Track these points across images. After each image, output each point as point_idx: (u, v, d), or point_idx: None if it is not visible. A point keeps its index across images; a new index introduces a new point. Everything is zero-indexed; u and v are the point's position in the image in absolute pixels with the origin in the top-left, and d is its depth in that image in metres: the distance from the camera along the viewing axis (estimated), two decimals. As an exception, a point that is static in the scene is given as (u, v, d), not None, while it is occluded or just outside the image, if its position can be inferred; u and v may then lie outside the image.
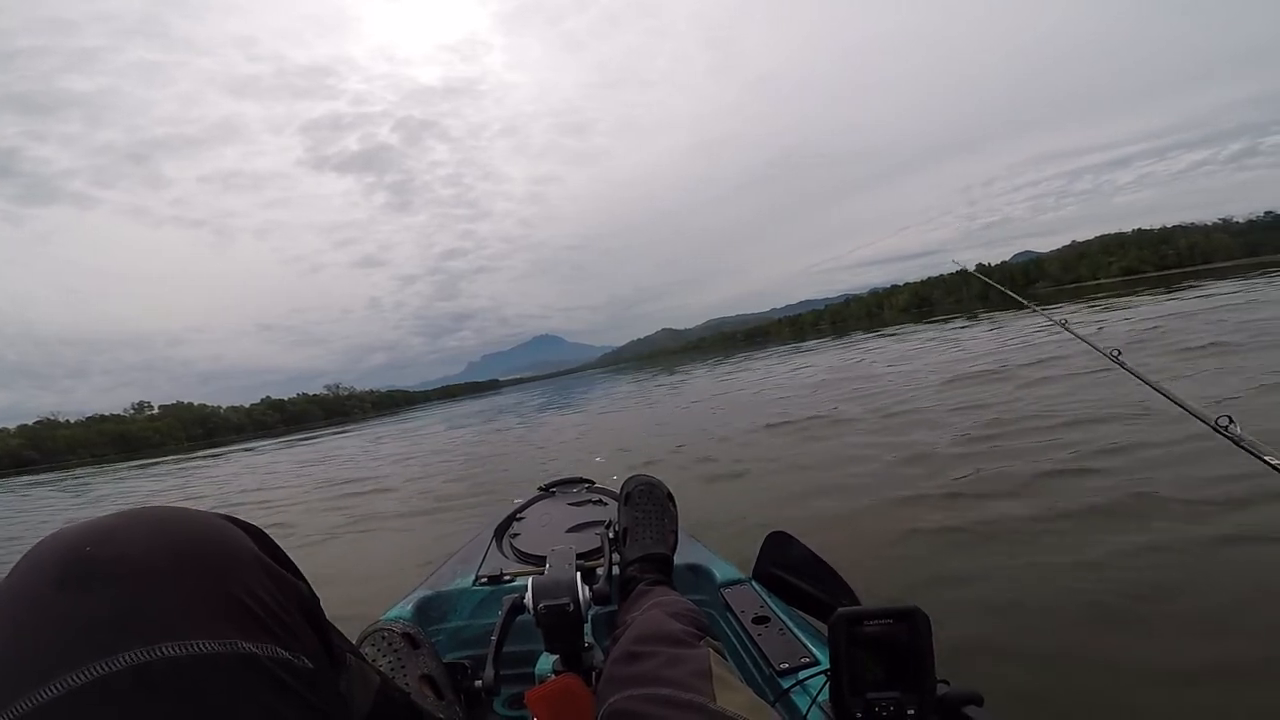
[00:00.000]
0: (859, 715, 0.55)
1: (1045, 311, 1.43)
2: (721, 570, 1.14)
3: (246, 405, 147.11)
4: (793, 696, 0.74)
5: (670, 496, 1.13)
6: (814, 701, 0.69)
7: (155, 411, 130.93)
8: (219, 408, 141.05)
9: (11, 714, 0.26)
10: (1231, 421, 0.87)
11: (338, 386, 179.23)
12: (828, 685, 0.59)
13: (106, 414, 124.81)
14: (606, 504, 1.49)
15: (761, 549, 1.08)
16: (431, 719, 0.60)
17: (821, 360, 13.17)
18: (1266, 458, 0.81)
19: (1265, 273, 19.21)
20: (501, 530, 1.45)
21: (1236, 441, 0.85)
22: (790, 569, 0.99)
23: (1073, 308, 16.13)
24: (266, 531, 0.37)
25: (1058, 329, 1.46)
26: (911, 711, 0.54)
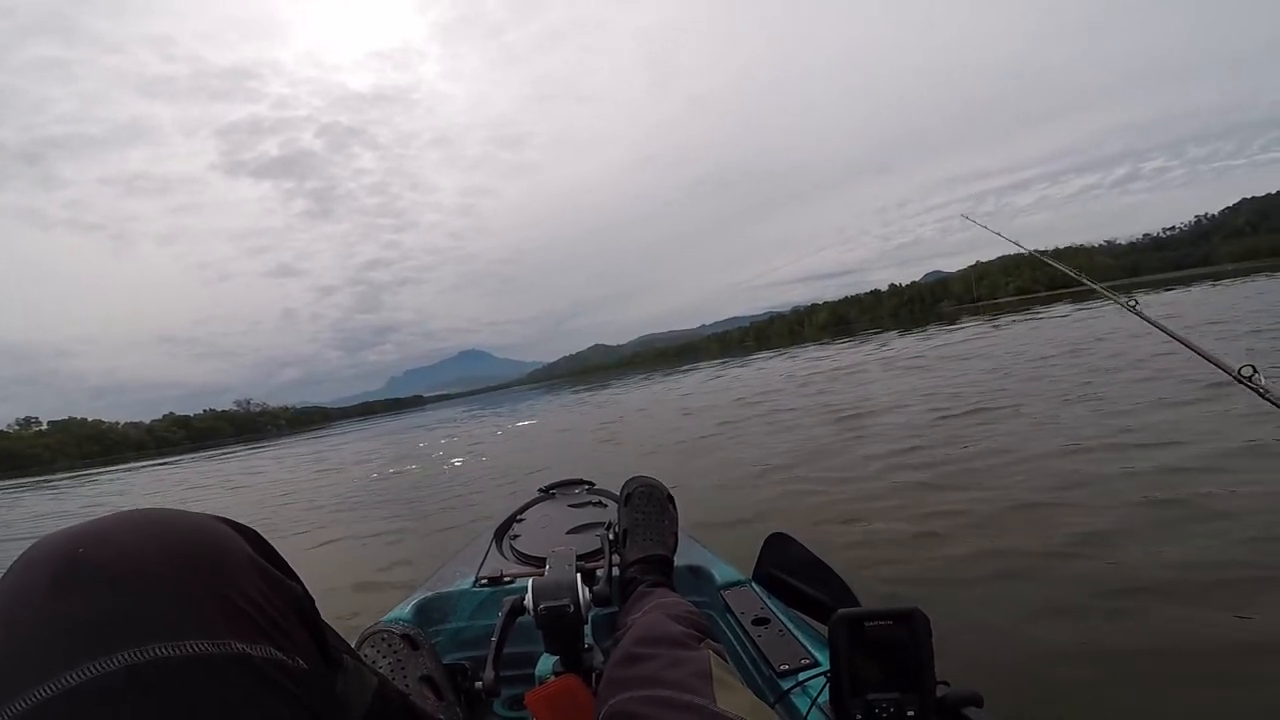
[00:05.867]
0: (859, 716, 0.55)
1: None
2: (721, 572, 1.14)
3: (147, 421, 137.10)
4: (793, 698, 0.74)
5: (670, 498, 1.13)
6: (814, 703, 0.69)
7: (44, 428, 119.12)
8: (116, 423, 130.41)
9: (7, 714, 0.26)
10: (1256, 371, 0.84)
11: (249, 402, 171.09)
12: (828, 686, 0.59)
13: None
14: (606, 505, 1.48)
15: (761, 550, 1.08)
16: (430, 720, 0.59)
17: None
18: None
19: (1135, 291, 21.87)
20: (501, 532, 1.45)
21: (1261, 393, 0.82)
22: (790, 570, 0.99)
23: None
24: (260, 533, 0.37)
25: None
26: (911, 712, 0.54)
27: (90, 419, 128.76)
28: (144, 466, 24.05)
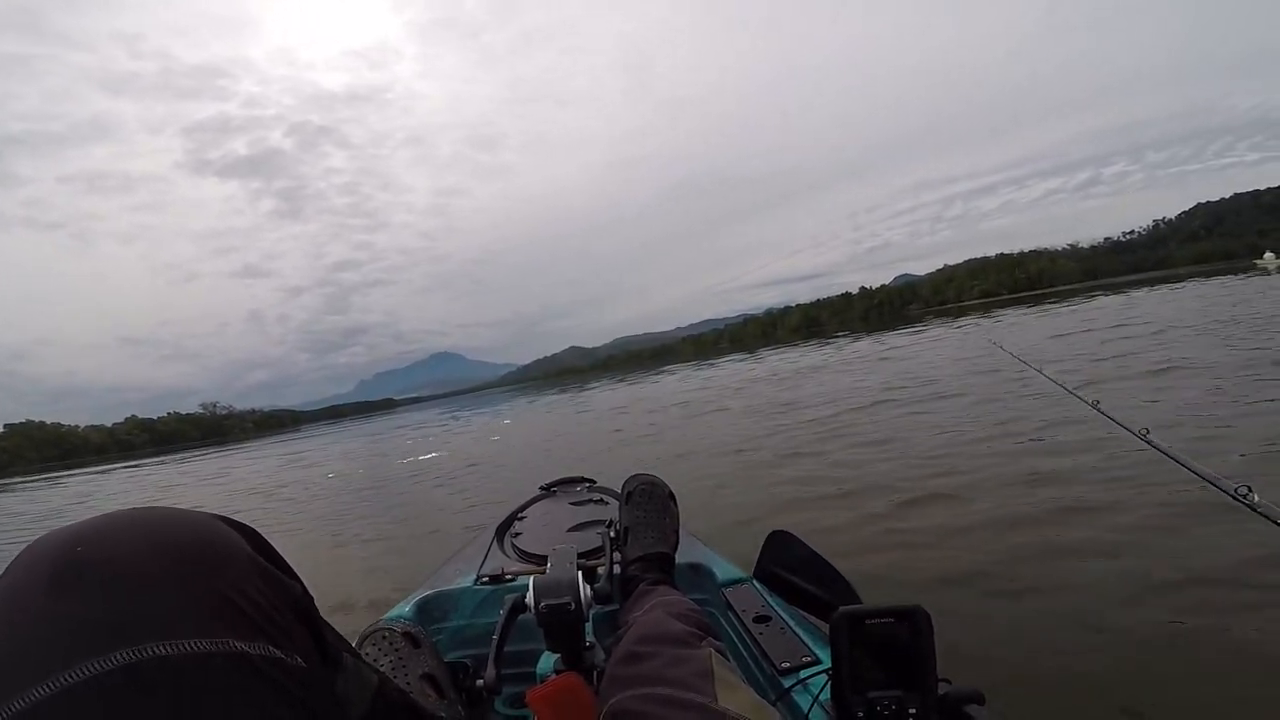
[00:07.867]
0: (860, 714, 0.55)
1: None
2: (723, 569, 1.14)
3: (109, 425, 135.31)
4: (794, 695, 0.74)
5: (672, 496, 1.12)
6: (815, 700, 0.68)
7: (0, 431, 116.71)
8: (76, 427, 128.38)
9: (6, 713, 0.26)
10: (1250, 490, 0.86)
11: (215, 405, 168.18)
12: (829, 684, 0.59)
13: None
14: (608, 503, 1.48)
15: (763, 548, 1.08)
16: (432, 718, 0.59)
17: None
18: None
19: (1087, 294, 24.04)
20: (503, 529, 1.45)
21: (1253, 508, 0.84)
22: (791, 568, 0.99)
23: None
24: (260, 531, 0.37)
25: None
26: (913, 710, 0.54)
27: (49, 422, 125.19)
28: (114, 469, 24.02)
